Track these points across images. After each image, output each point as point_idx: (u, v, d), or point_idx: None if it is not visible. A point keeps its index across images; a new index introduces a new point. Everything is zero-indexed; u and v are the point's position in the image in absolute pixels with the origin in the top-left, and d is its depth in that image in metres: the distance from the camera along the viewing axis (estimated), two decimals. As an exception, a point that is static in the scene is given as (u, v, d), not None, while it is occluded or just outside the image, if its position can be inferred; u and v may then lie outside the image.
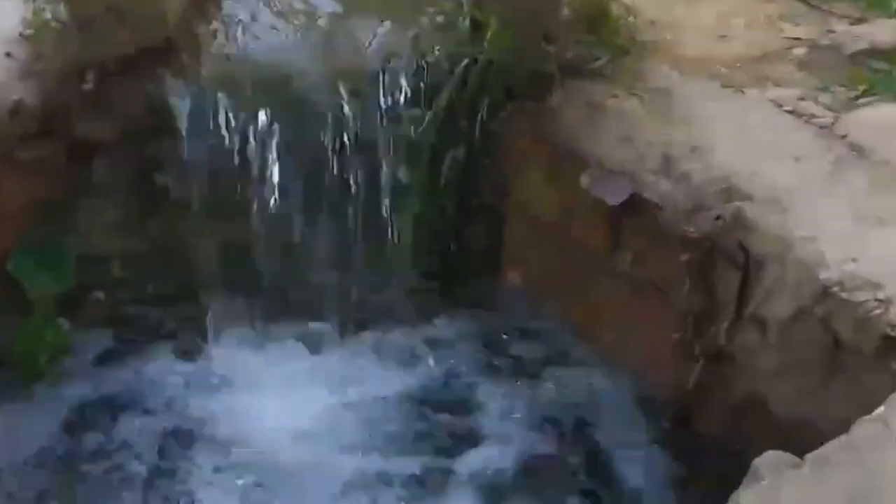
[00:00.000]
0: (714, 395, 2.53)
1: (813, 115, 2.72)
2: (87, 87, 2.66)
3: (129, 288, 2.87)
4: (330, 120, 2.75)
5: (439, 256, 2.98)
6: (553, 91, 2.82)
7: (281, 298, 2.82)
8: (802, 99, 2.79)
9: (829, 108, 2.73)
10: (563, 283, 2.87)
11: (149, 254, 2.86)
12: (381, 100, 2.79)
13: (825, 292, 2.21)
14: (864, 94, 2.76)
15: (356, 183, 2.78)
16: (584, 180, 2.62)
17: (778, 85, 2.86)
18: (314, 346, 2.85)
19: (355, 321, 2.90)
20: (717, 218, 2.40)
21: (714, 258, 2.43)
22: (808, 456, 1.78)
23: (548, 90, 2.82)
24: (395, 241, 2.86)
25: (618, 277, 2.71)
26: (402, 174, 2.83)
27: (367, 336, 2.91)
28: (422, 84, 2.81)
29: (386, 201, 2.82)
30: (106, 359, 2.80)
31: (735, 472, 2.37)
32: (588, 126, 2.76)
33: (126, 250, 2.85)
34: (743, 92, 2.81)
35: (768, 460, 1.87)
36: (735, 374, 2.48)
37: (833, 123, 2.67)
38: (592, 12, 2.96)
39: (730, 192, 2.45)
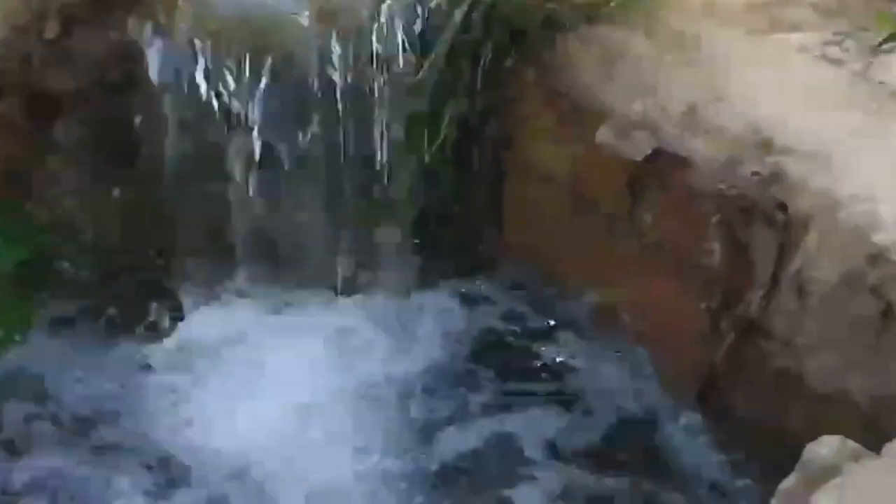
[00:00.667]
0: (745, 371, 2.30)
1: (841, 61, 2.48)
2: (49, 35, 2.39)
3: (99, 256, 2.61)
4: (318, 69, 2.49)
5: (436, 218, 2.72)
6: (564, 36, 2.57)
7: (265, 264, 2.56)
8: (827, 44, 2.55)
9: (856, 54, 2.48)
10: (574, 248, 2.62)
11: (120, 219, 2.60)
12: (375, 46, 2.53)
13: (878, 256, 1.97)
14: (891, 38, 2.52)
15: (347, 137, 2.51)
16: (602, 135, 2.37)
17: (798, 30, 2.62)
18: (301, 315, 2.58)
19: (345, 288, 2.64)
20: (754, 174, 2.15)
21: (749, 219, 2.19)
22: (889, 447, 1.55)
23: (558, 36, 2.57)
24: (389, 201, 2.61)
25: (637, 241, 2.46)
26: (397, 128, 2.57)
27: (358, 304, 2.64)
28: (420, 28, 2.55)
29: (379, 157, 2.57)
30: (72, 333, 2.53)
31: (768, 454, 2.22)
32: (603, 75, 2.50)
33: (94, 215, 2.59)
34: (766, 37, 2.57)
35: (827, 448, 1.63)
36: (769, 347, 2.24)
37: (866, 70, 2.42)
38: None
39: (766, 146, 2.20)
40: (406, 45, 2.54)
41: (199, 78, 2.44)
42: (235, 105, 2.48)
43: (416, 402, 2.46)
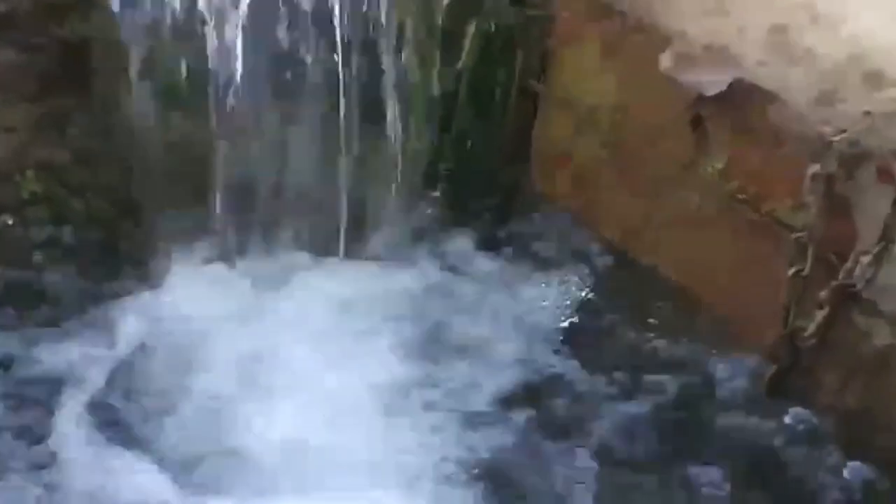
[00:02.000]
0: (838, 350, 1.90)
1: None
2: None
3: (48, 208, 2.16)
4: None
5: (453, 164, 2.29)
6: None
7: (245, 222, 2.12)
8: None
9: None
10: (620, 197, 2.19)
11: (73, 163, 2.14)
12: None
13: None
14: None
15: (347, 61, 2.05)
16: (666, 61, 1.92)
17: None
18: (290, 282, 2.14)
19: (344, 249, 2.20)
20: (866, 114, 1.72)
21: (854, 169, 1.76)
22: None
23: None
24: (397, 138, 2.17)
25: (702, 192, 2.03)
26: (409, 50, 2.11)
27: (358, 269, 2.21)
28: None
29: (386, 87, 2.12)
30: (17, 304, 2.09)
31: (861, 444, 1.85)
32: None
33: (42, 159, 2.13)
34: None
35: None
36: (871, 324, 1.84)
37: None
38: None
39: (875, 78, 1.77)
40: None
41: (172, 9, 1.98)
42: (212, 22, 2.02)
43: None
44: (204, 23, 2.02)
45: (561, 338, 2.15)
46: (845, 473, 1.90)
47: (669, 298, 2.18)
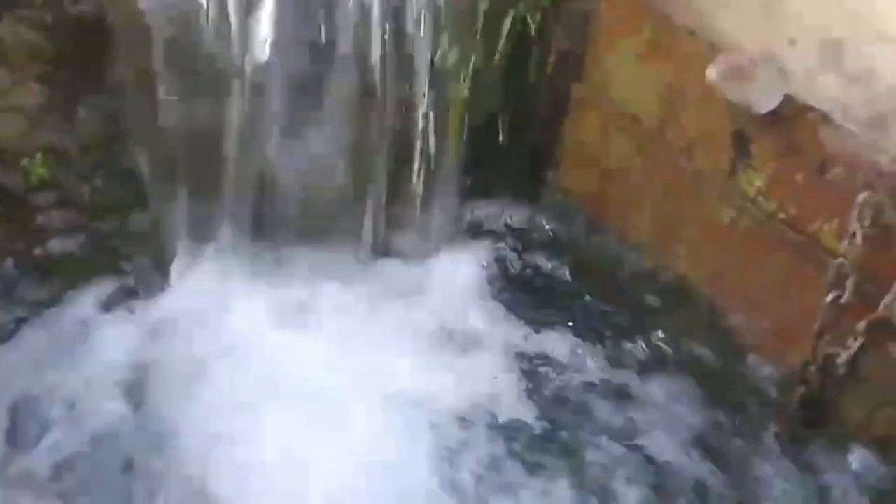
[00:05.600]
0: (868, 380, 1.84)
1: None
2: None
3: (56, 196, 2.07)
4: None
5: (483, 158, 2.20)
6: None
7: (267, 217, 2.02)
8: None
9: None
10: (651, 204, 2.12)
11: (82, 149, 2.04)
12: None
13: None
14: None
15: (383, 52, 1.96)
16: (713, 74, 1.82)
17: None
18: (313, 283, 2.05)
19: (371, 250, 2.12)
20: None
21: (905, 199, 1.69)
22: None
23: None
24: (430, 137, 2.08)
25: (739, 207, 1.96)
26: (445, 45, 2.02)
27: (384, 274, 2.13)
28: None
29: (421, 84, 2.02)
30: (24, 296, 2.01)
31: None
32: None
33: (50, 144, 2.03)
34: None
35: None
36: (909, 354, 1.79)
37: None
38: None
39: (936, 103, 1.69)
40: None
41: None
42: (239, 9, 1.91)
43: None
44: (229, 10, 1.93)
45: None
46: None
47: (695, 310, 2.12)
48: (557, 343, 2.08)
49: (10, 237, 2.02)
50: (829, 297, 1.82)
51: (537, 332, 2.10)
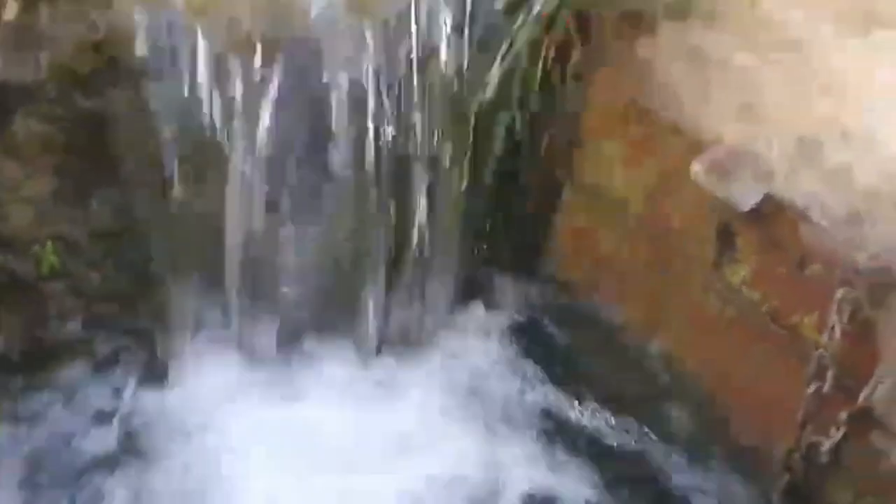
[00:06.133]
0: (852, 470, 1.89)
1: None
2: (8, 17, 1.90)
3: (66, 284, 2.14)
4: (344, 65, 2.02)
5: (478, 246, 2.28)
6: (645, 33, 2.10)
7: (268, 307, 2.10)
8: None
9: None
10: (642, 292, 2.19)
11: (92, 238, 2.13)
12: (415, 39, 2.05)
13: None
14: None
15: (378, 152, 2.05)
16: (698, 170, 1.91)
17: None
18: (314, 374, 2.11)
19: (370, 342, 2.18)
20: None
21: (882, 295, 1.76)
22: None
23: (639, 34, 2.10)
24: (426, 230, 2.16)
25: (724, 298, 2.03)
26: (439, 144, 2.11)
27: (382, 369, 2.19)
28: (468, 14, 2.08)
29: (417, 180, 2.11)
30: (32, 385, 2.07)
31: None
32: (693, 85, 2.03)
33: (61, 233, 2.12)
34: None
35: None
36: (887, 444, 1.83)
37: None
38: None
39: (908, 203, 1.77)
40: (450, 37, 2.07)
41: (199, 70, 1.97)
42: (241, 103, 2.01)
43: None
44: (233, 100, 2.03)
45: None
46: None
47: (684, 394, 2.18)
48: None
49: (19, 323, 2.09)
50: (811, 388, 1.88)
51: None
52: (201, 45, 1.98)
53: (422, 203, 2.16)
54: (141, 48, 1.99)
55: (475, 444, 2.09)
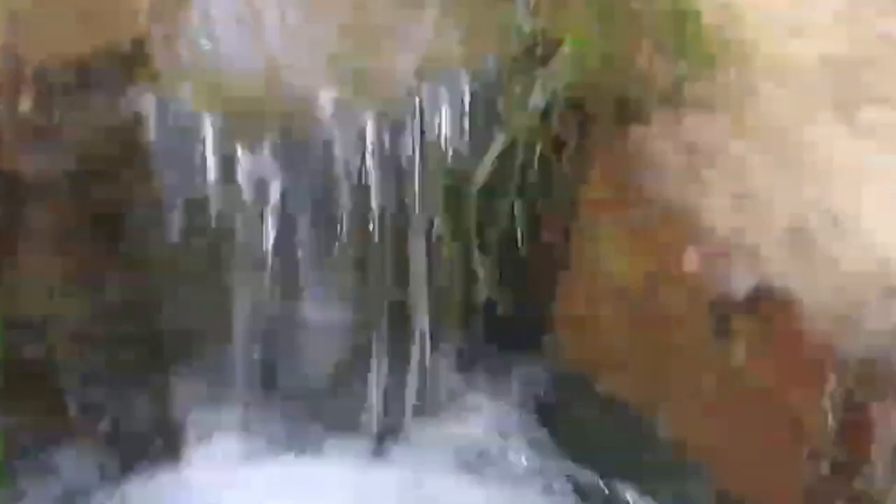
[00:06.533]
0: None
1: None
2: (24, 109, 1.97)
3: (77, 365, 2.19)
4: (347, 158, 2.09)
5: (480, 326, 2.33)
6: (639, 124, 2.16)
7: (276, 399, 2.14)
8: None
9: None
10: (644, 374, 2.23)
11: (102, 320, 2.17)
12: (415, 131, 2.12)
13: None
14: None
15: (382, 244, 2.11)
16: (690, 261, 1.97)
17: (884, 104, 2.22)
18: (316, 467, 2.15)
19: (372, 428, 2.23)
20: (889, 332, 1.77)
21: (874, 386, 1.80)
22: None
23: (633, 122, 2.17)
24: (428, 312, 2.21)
25: (721, 381, 2.07)
26: (440, 229, 2.17)
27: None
28: (468, 106, 2.15)
29: (417, 263, 2.17)
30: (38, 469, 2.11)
31: None
32: (686, 174, 2.10)
33: (72, 315, 2.17)
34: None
35: None
36: (884, 527, 1.87)
37: None
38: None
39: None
40: (449, 129, 2.14)
41: (209, 163, 2.04)
42: (249, 189, 2.08)
43: None
44: (241, 193, 2.09)
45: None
46: None
47: (684, 473, 2.21)
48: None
49: (30, 411, 2.13)
50: (809, 471, 1.92)
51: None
52: (209, 133, 2.05)
53: (422, 284, 2.20)
54: (151, 136, 2.06)
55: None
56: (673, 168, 2.10)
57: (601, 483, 2.24)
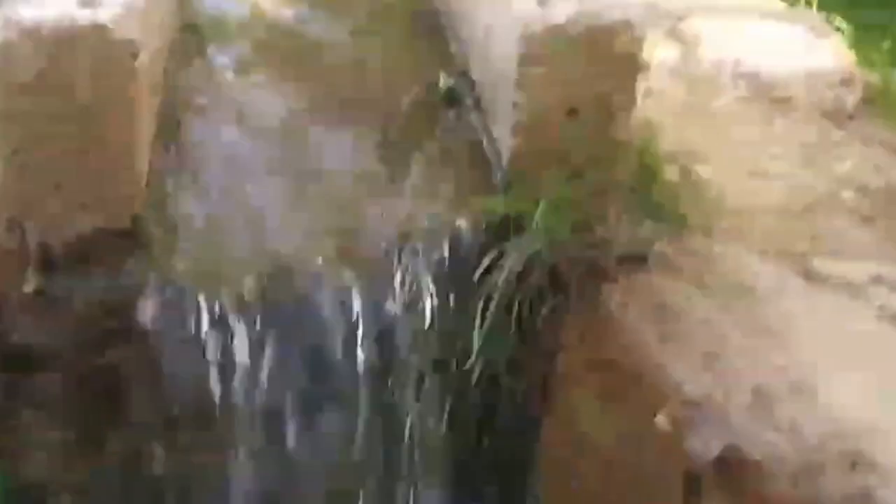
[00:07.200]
0: None
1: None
2: (28, 290, 2.09)
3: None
4: (334, 325, 2.22)
5: (465, 471, 2.43)
6: (608, 286, 2.29)
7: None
8: (879, 280, 2.30)
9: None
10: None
11: (103, 485, 2.27)
12: (398, 295, 2.25)
13: None
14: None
15: (369, 414, 2.23)
16: (661, 424, 2.07)
17: (838, 255, 2.37)
18: None
19: None
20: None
21: (837, 547, 1.90)
22: None
23: (602, 284, 2.30)
24: (415, 457, 2.33)
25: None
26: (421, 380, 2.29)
27: None
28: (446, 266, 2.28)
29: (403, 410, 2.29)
30: None
31: None
32: (654, 336, 2.21)
33: (74, 480, 2.26)
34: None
35: None
36: None
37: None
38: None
39: (853, 457, 1.92)
40: (431, 292, 2.27)
41: (203, 336, 2.16)
42: (242, 365, 2.20)
43: None
44: (235, 358, 2.20)
45: None
46: None
47: None
48: None
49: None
50: None
51: None
52: (204, 306, 2.17)
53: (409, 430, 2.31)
54: (149, 310, 2.18)
55: None
56: (640, 329, 2.22)
57: None
